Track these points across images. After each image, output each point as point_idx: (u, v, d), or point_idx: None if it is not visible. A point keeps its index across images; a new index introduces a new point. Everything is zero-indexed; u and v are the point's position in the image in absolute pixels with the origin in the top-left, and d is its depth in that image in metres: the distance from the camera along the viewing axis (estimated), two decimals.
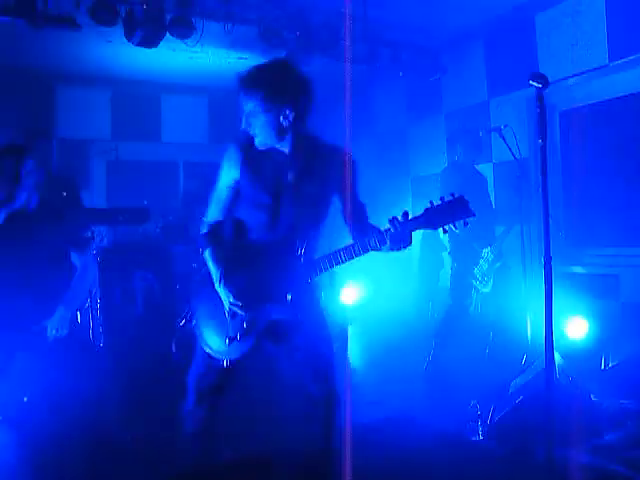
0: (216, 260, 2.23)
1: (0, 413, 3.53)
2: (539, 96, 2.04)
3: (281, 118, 2.12)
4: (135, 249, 5.14)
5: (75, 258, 2.75)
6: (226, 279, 2.16)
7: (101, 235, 5.00)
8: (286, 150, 2.19)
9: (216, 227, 2.30)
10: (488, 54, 5.38)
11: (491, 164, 5.31)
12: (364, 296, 6.41)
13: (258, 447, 3.03)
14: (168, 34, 4.42)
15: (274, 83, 2.12)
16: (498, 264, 4.34)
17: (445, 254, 4.48)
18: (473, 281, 4.26)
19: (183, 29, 4.41)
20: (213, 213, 2.31)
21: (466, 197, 1.98)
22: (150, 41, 4.40)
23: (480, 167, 4.65)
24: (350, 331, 5.79)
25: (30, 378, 2.76)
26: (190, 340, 2.37)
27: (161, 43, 4.52)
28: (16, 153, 2.56)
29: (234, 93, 2.38)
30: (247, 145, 2.23)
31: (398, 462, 2.78)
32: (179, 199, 6.66)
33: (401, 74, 5.62)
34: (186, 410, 2.31)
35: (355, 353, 5.38)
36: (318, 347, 2.26)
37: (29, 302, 2.60)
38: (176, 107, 6.89)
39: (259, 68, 2.18)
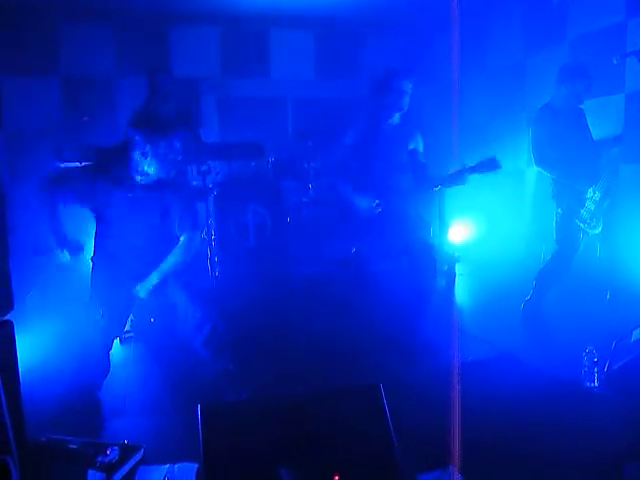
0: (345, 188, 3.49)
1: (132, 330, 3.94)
2: None
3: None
4: (248, 184, 5.29)
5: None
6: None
7: (217, 169, 5.19)
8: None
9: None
10: None
11: (623, 95, 4.81)
12: (475, 235, 6.24)
13: None
14: None
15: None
16: (607, 202, 4.02)
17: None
18: (581, 224, 3.99)
19: None
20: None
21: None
22: None
23: (607, 99, 4.23)
24: (458, 269, 5.70)
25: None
26: None
27: None
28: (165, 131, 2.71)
29: (340, 27, 2.56)
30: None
31: (507, 401, 2.74)
32: (288, 135, 6.72)
33: None
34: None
35: (463, 292, 5.31)
36: None
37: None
38: (284, 42, 6.84)
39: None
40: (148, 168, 2.62)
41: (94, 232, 2.85)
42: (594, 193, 3.98)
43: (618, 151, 4.38)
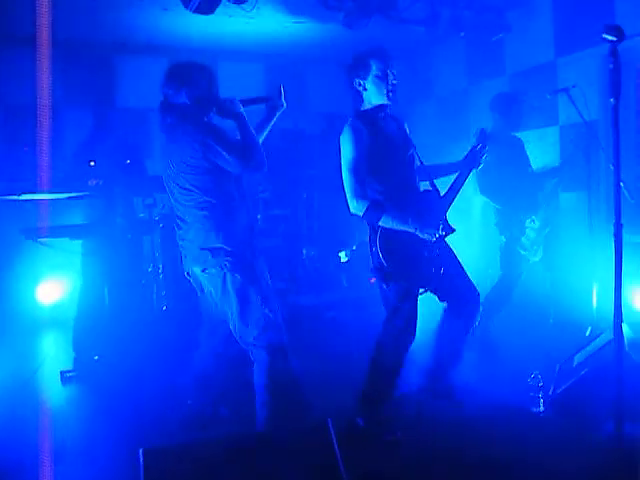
0: (399, 217, 2.66)
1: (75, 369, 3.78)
2: (613, 51, 1.90)
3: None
4: None
5: None
6: (419, 221, 2.67)
7: (163, 202, 5.11)
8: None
9: (367, 195, 2.69)
10: (556, 9, 5.06)
11: (557, 127, 5.06)
12: None
13: None
14: (224, 0, 4.40)
15: None
16: (547, 230, 4.19)
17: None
18: (522, 251, 4.13)
19: None
20: (359, 187, 2.70)
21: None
22: (207, 8, 4.39)
23: (542, 131, 4.43)
24: None
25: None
26: None
27: (217, 9, 4.51)
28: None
29: (290, 59, 2.58)
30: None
31: (457, 430, 2.77)
32: None
33: (462, 34, 5.39)
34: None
35: None
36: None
37: None
38: (233, 75, 6.88)
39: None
40: None
41: None
42: (534, 222, 4.13)
43: (557, 181, 4.58)
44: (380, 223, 2.64)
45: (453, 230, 2.87)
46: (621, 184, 2.09)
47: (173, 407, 2.90)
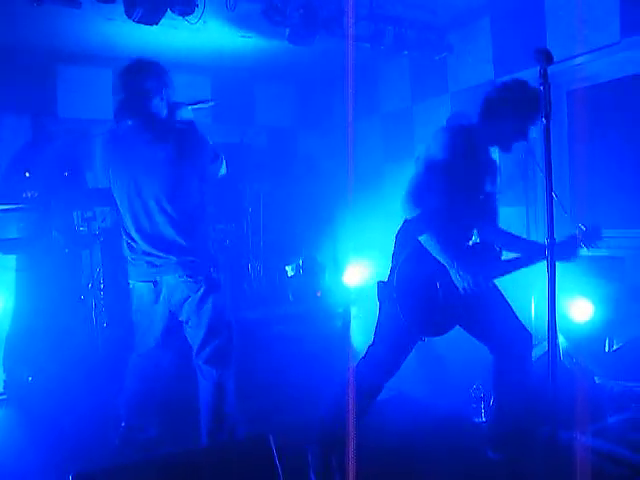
0: (443, 243, 2.32)
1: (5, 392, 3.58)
2: (543, 73, 1.98)
3: None
4: None
5: None
6: (458, 261, 2.31)
7: (103, 215, 4.97)
8: None
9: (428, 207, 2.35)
10: (495, 32, 5.27)
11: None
12: (371, 276, 6.40)
13: None
14: (169, 11, 4.35)
15: None
16: None
17: None
18: None
19: (184, 5, 4.34)
20: (423, 191, 2.37)
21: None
22: (150, 18, 4.33)
23: None
24: (353, 312, 5.79)
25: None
26: None
27: (162, 21, 4.45)
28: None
29: (237, 73, 2.53)
30: None
31: (399, 443, 2.78)
32: None
33: (406, 53, 5.52)
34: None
35: (358, 334, 5.39)
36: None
37: None
38: (179, 87, 6.80)
39: None
40: None
41: None
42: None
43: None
44: (421, 238, 2.34)
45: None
46: (555, 198, 2.17)
47: (107, 430, 2.79)
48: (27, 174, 3.92)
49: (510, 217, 4.75)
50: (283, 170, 6.83)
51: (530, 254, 2.50)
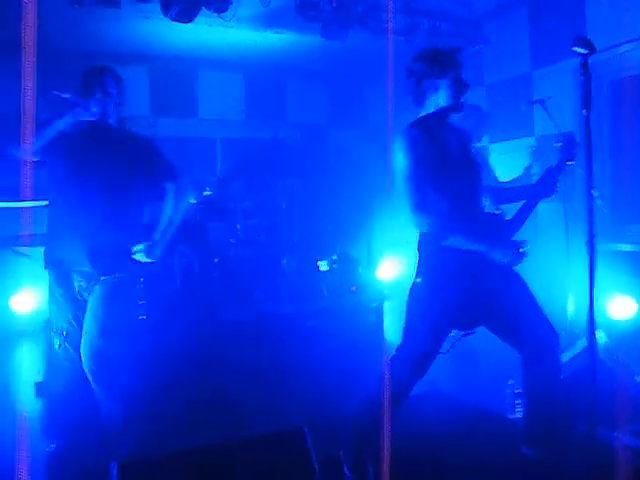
0: (467, 233, 2.30)
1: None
2: (583, 63, 1.94)
3: None
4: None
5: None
6: (491, 242, 2.29)
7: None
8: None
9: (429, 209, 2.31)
10: (533, 22, 5.17)
11: (533, 138, 5.14)
12: (403, 272, 6.38)
13: None
14: (204, 8, 4.41)
15: None
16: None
17: None
18: None
19: (219, 3, 4.39)
20: (419, 199, 2.31)
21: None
22: (186, 16, 4.40)
23: (518, 142, 4.51)
24: (387, 307, 5.78)
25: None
26: None
27: (197, 18, 4.51)
28: (98, 71, 2.70)
29: (270, 69, 2.52)
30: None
31: (432, 438, 2.77)
32: (216, 175, 6.70)
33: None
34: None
35: (391, 329, 5.38)
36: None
37: (112, 225, 2.59)
38: (212, 83, 6.89)
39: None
40: None
41: None
42: None
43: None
44: (446, 242, 2.29)
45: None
46: (595, 193, 2.13)
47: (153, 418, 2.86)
48: None
49: (547, 214, 4.68)
50: (316, 165, 6.84)
51: (527, 200, 2.51)
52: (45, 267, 2.66)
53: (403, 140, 2.39)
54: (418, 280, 2.41)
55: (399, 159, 2.37)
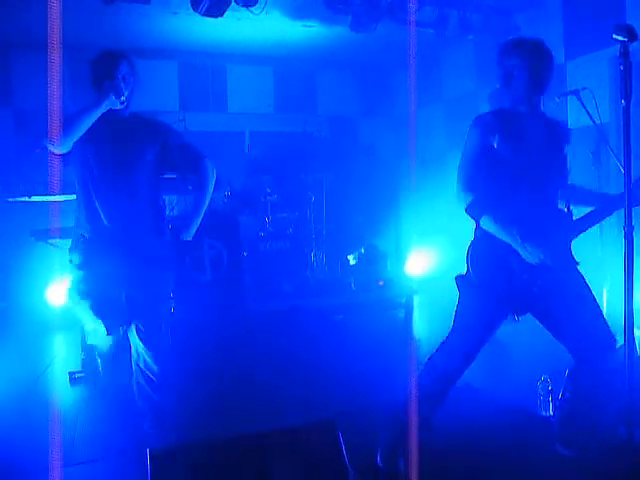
0: (504, 222, 2.25)
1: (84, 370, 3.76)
2: (624, 51, 1.88)
3: None
4: (203, 218, 5.23)
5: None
6: (525, 237, 2.22)
7: (172, 204, 5.13)
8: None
9: (476, 189, 2.30)
10: (566, 11, 5.04)
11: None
12: (433, 267, 6.33)
13: None
14: (233, 2, 4.42)
15: None
16: None
17: None
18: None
19: None
20: (470, 179, 2.33)
21: None
22: (216, 10, 4.42)
23: None
24: (416, 301, 5.75)
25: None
26: None
27: (226, 12, 4.53)
28: (111, 56, 2.66)
29: (298, 63, 2.50)
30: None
31: (463, 434, 2.75)
32: (246, 168, 6.74)
33: (471, 37, 5.38)
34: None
35: (420, 324, 5.34)
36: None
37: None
38: (241, 77, 6.92)
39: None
40: None
41: None
42: None
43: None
44: (481, 223, 2.28)
45: (574, 263, 2.43)
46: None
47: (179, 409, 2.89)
48: None
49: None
50: (345, 159, 6.83)
51: (603, 206, 2.41)
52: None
53: (472, 123, 2.43)
54: (468, 267, 2.38)
55: (466, 140, 2.42)
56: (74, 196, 2.70)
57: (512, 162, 2.33)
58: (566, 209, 2.45)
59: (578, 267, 2.43)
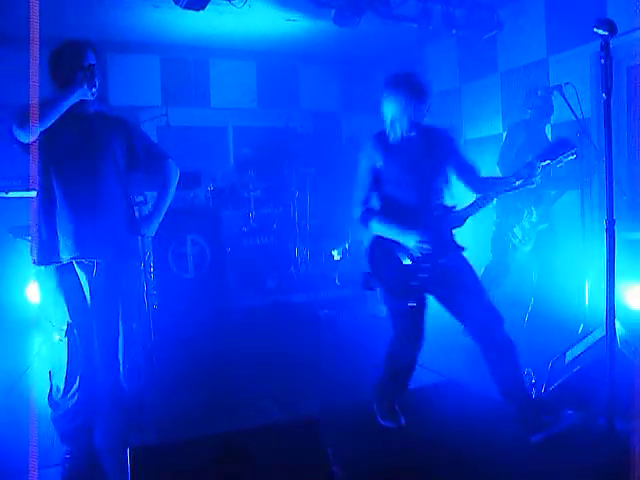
0: (386, 221, 2.64)
1: None
2: (605, 45, 1.89)
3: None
4: (186, 214, 5.18)
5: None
6: (403, 229, 2.58)
7: (153, 200, 5.07)
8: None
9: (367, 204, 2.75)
10: (549, 7, 5.06)
11: (549, 125, 5.05)
12: None
13: None
14: None
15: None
16: (543, 226, 4.26)
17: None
18: (512, 238, 4.24)
19: None
20: (359, 194, 2.79)
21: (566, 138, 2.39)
22: (197, 3, 4.36)
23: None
24: None
25: None
26: None
27: (208, 6, 4.47)
28: (79, 46, 2.58)
29: (282, 57, 2.51)
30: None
31: (448, 427, 2.75)
32: (228, 164, 6.69)
33: (454, 32, 5.37)
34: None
35: None
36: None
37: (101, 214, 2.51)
38: (224, 72, 6.86)
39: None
40: None
41: None
42: (531, 214, 4.17)
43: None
44: (370, 228, 2.69)
45: (459, 249, 2.67)
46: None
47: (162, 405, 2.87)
48: None
49: (564, 199, 4.62)
50: (329, 154, 6.80)
51: (484, 195, 2.65)
52: (38, 263, 2.53)
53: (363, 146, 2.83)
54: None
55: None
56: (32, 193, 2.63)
57: (392, 175, 2.70)
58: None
59: (463, 253, 2.69)
